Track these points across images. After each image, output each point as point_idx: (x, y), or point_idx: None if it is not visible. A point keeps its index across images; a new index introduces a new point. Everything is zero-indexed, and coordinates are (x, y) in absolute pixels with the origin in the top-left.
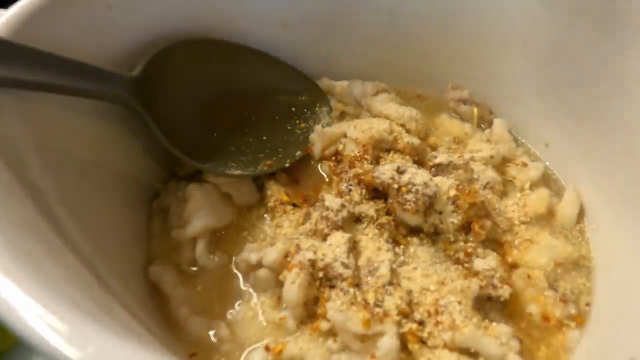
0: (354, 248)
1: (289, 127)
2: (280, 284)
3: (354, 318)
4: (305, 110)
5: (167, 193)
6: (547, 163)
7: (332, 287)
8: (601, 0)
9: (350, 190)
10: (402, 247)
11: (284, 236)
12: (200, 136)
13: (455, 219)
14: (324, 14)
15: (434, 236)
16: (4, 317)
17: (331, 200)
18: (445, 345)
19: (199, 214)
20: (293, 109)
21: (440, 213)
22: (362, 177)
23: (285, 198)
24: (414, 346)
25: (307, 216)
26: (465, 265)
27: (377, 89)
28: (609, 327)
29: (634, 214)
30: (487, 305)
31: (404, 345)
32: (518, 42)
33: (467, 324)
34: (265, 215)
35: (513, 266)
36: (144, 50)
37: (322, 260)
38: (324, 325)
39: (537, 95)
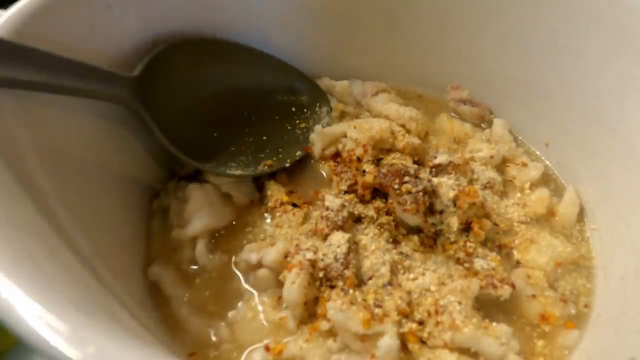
0: (354, 248)
1: (289, 127)
2: (280, 284)
3: (354, 318)
4: (305, 110)
5: (167, 193)
6: (547, 163)
7: (332, 287)
8: (602, 1)
9: (350, 190)
10: (402, 247)
11: (284, 236)
12: (200, 136)
13: (455, 219)
14: (324, 13)
15: (434, 236)
16: (4, 317)
17: (331, 200)
18: (445, 345)
19: (199, 213)
20: (293, 109)
21: (441, 213)
22: (363, 177)
23: (285, 198)
24: (414, 346)
25: (307, 216)
26: (465, 265)
27: (377, 89)
28: (608, 327)
29: (634, 214)
30: (487, 305)
31: (404, 345)
32: (518, 42)
33: (467, 324)
34: (265, 215)
35: (513, 266)
36: (144, 50)
37: (322, 260)
38: (324, 325)
39: (537, 95)
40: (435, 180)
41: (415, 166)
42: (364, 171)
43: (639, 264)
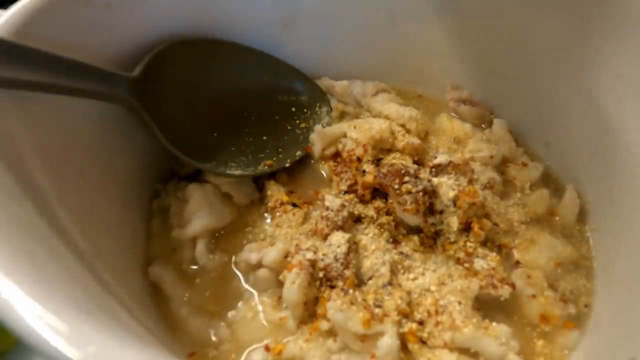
0: (354, 248)
1: (289, 127)
2: (280, 284)
3: (354, 318)
4: (305, 110)
5: (167, 193)
6: (547, 163)
7: (332, 287)
8: (602, 1)
9: (350, 190)
10: (402, 247)
11: (284, 236)
12: (200, 136)
13: (455, 219)
14: (324, 14)
15: (434, 236)
16: (4, 317)
17: (331, 200)
18: (445, 345)
19: (199, 214)
20: (293, 109)
21: (441, 213)
22: (363, 177)
23: (285, 198)
24: (414, 346)
25: (307, 216)
26: (465, 265)
27: (377, 89)
28: (609, 327)
29: (634, 214)
30: (487, 305)
31: (404, 345)
32: (518, 42)
33: (467, 324)
34: (265, 215)
35: (513, 266)
36: (144, 50)
37: (322, 260)
38: (324, 325)
39: (537, 95)
40: (435, 180)
41: (415, 166)
42: (364, 171)
43: (638, 264)
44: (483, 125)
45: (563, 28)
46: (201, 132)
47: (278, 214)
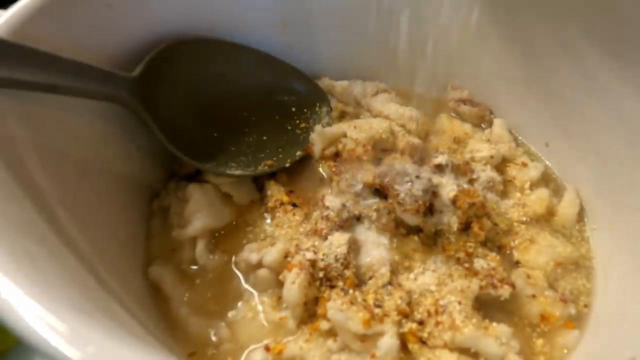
0: (354, 248)
1: (289, 127)
2: (280, 284)
3: (354, 318)
4: (305, 110)
5: (167, 193)
6: (547, 163)
7: (332, 287)
8: (602, 1)
9: (350, 190)
10: (402, 247)
11: (284, 236)
12: (200, 136)
13: (455, 219)
14: (325, 14)
15: (434, 236)
16: (4, 317)
17: (331, 200)
18: (445, 345)
19: (199, 214)
20: (293, 109)
21: (441, 213)
22: (362, 177)
23: (285, 198)
24: (414, 346)
25: (307, 216)
26: (465, 265)
27: (377, 89)
28: (608, 327)
29: (634, 214)
30: (487, 305)
31: (404, 345)
32: (518, 42)
33: (467, 324)
34: (265, 215)
35: (513, 266)
36: (144, 50)
37: (322, 260)
38: (324, 325)
39: (537, 95)
40: (435, 180)
41: (415, 166)
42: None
43: (638, 264)
44: (483, 125)
45: (563, 27)
46: (201, 132)
47: (278, 214)
